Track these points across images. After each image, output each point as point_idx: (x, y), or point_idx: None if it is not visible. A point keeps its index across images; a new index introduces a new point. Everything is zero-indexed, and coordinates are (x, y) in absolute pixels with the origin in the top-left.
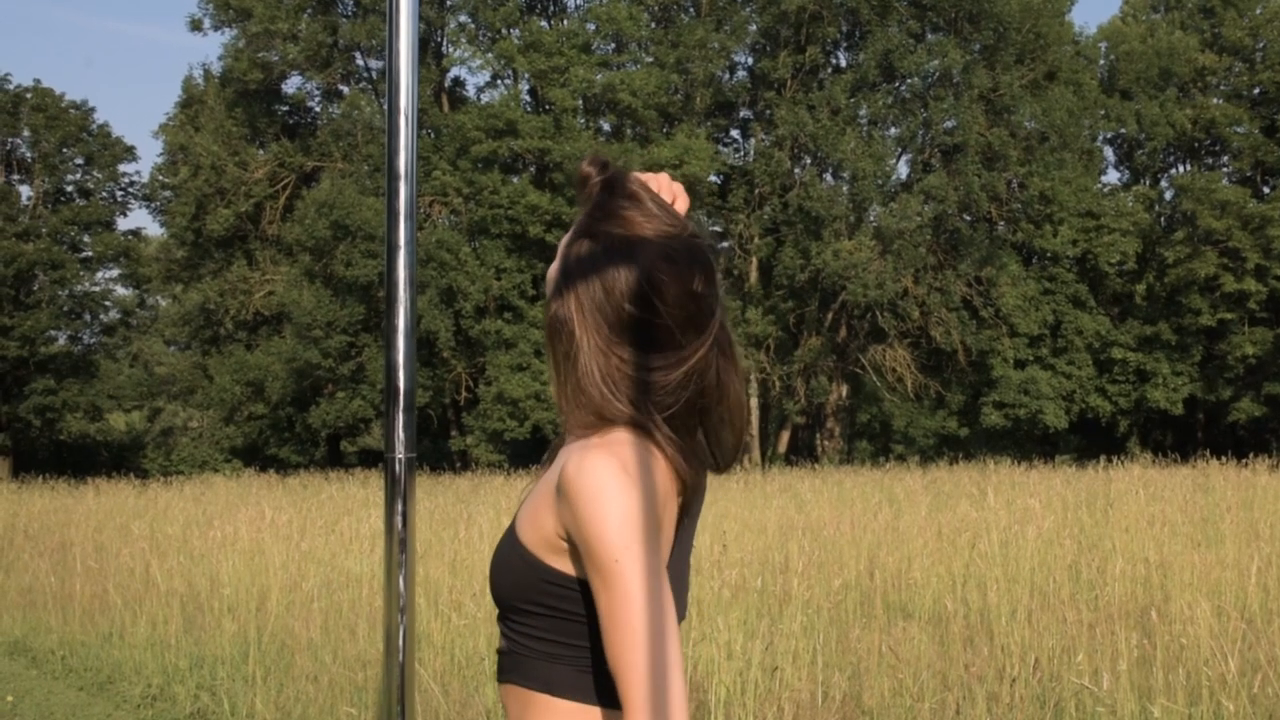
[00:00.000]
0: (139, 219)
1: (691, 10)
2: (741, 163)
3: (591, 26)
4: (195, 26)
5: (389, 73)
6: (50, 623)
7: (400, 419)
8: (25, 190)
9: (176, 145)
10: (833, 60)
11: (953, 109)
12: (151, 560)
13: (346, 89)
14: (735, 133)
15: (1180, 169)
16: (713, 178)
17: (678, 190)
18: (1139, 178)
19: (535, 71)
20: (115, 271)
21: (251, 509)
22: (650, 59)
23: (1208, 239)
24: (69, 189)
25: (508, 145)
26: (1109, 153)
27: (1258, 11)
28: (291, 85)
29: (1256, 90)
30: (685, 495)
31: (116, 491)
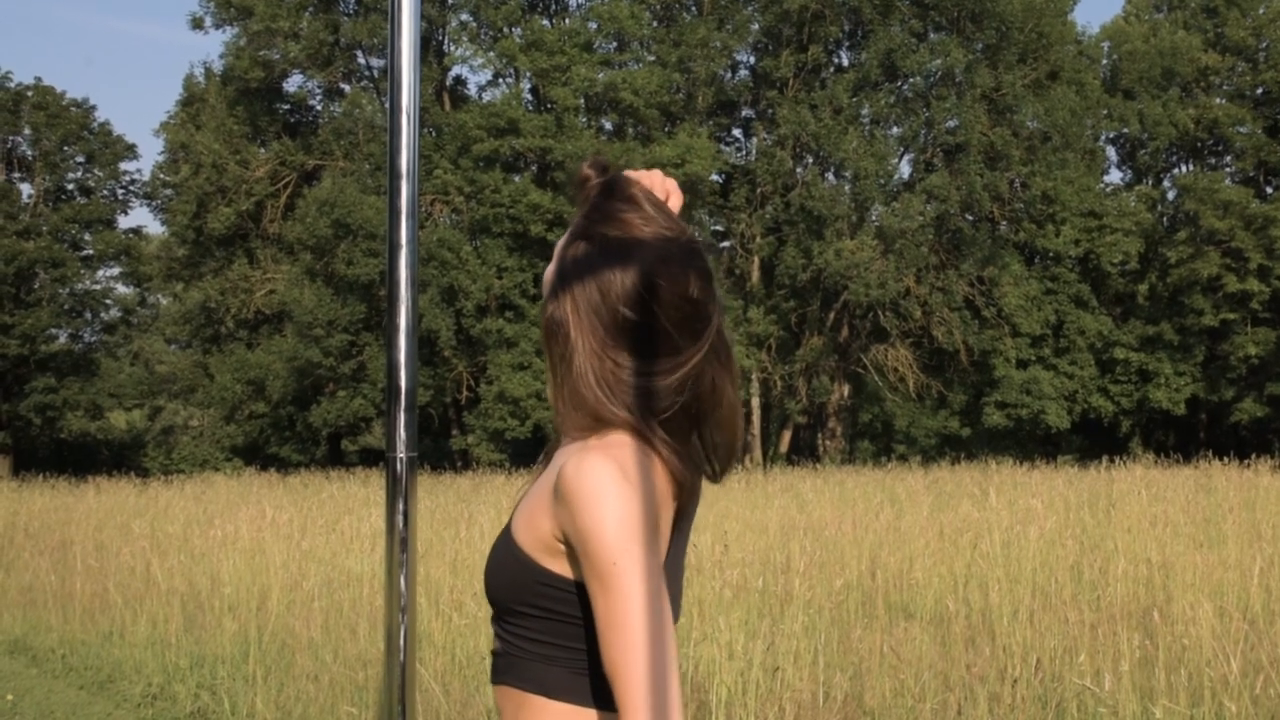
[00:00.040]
0: (140, 217)
1: (693, 9)
2: (743, 162)
3: (593, 25)
4: (196, 24)
5: (391, 71)
6: (50, 621)
7: (402, 418)
8: (26, 188)
9: (177, 143)
10: (835, 59)
11: (955, 108)
12: (152, 559)
13: (348, 87)
14: (737, 132)
15: (1183, 169)
16: (715, 177)
17: (671, 186)
18: (1141, 178)
19: (537, 70)
20: (116, 270)
21: (252, 508)
22: (652, 58)
23: (1210, 239)
24: (70, 187)
25: (509, 144)
26: (1111, 152)
27: (1261, 11)
28: (293, 83)
29: (1259, 90)
30: (681, 499)
31: (117, 490)
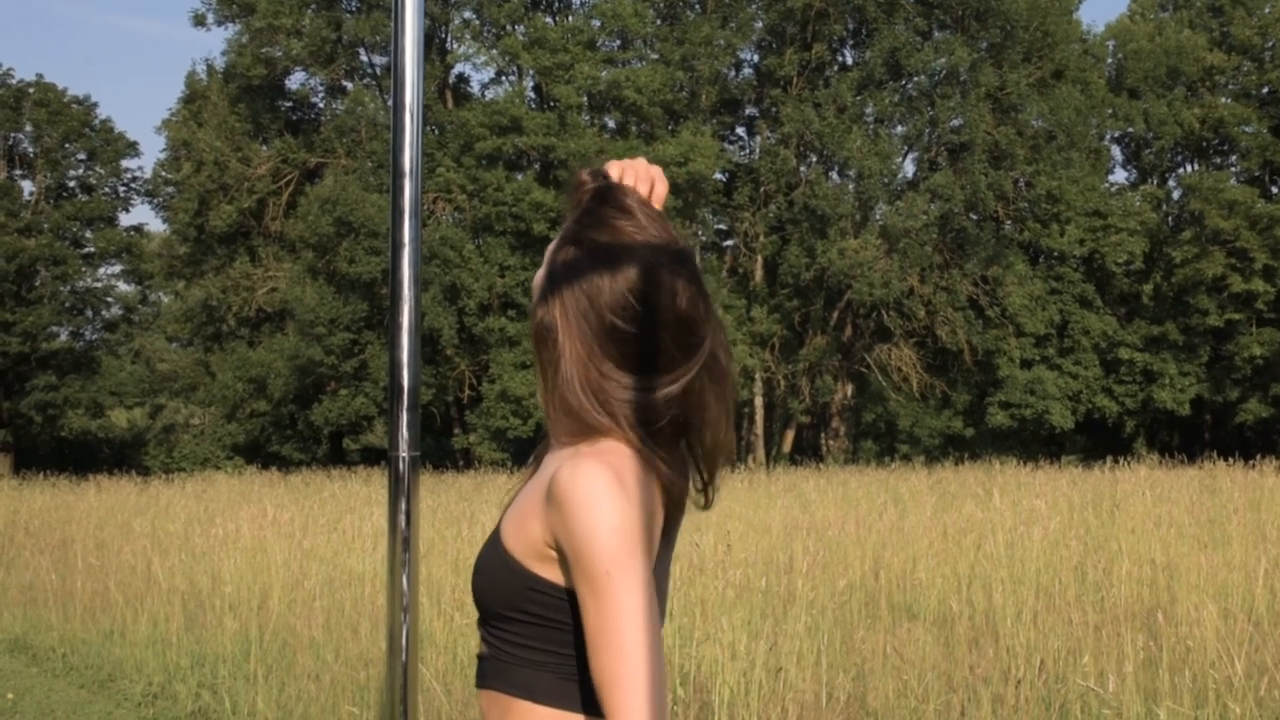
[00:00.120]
0: (141, 215)
1: (697, 7)
2: (747, 160)
3: (596, 23)
4: (198, 21)
5: (394, 70)
6: (51, 620)
7: (404, 417)
8: (27, 186)
9: (179, 141)
10: (839, 58)
11: (959, 107)
12: (153, 558)
13: (350, 85)
14: (741, 130)
15: (1188, 168)
16: (718, 175)
17: (656, 174)
18: (1146, 177)
19: (540, 68)
20: (117, 267)
21: (253, 507)
22: (655, 56)
23: (1215, 239)
24: (71, 184)
25: (512, 142)
26: (1116, 152)
27: (1266, 10)
28: (295, 81)
29: (1265, 89)
30: (669, 508)
31: (118, 488)
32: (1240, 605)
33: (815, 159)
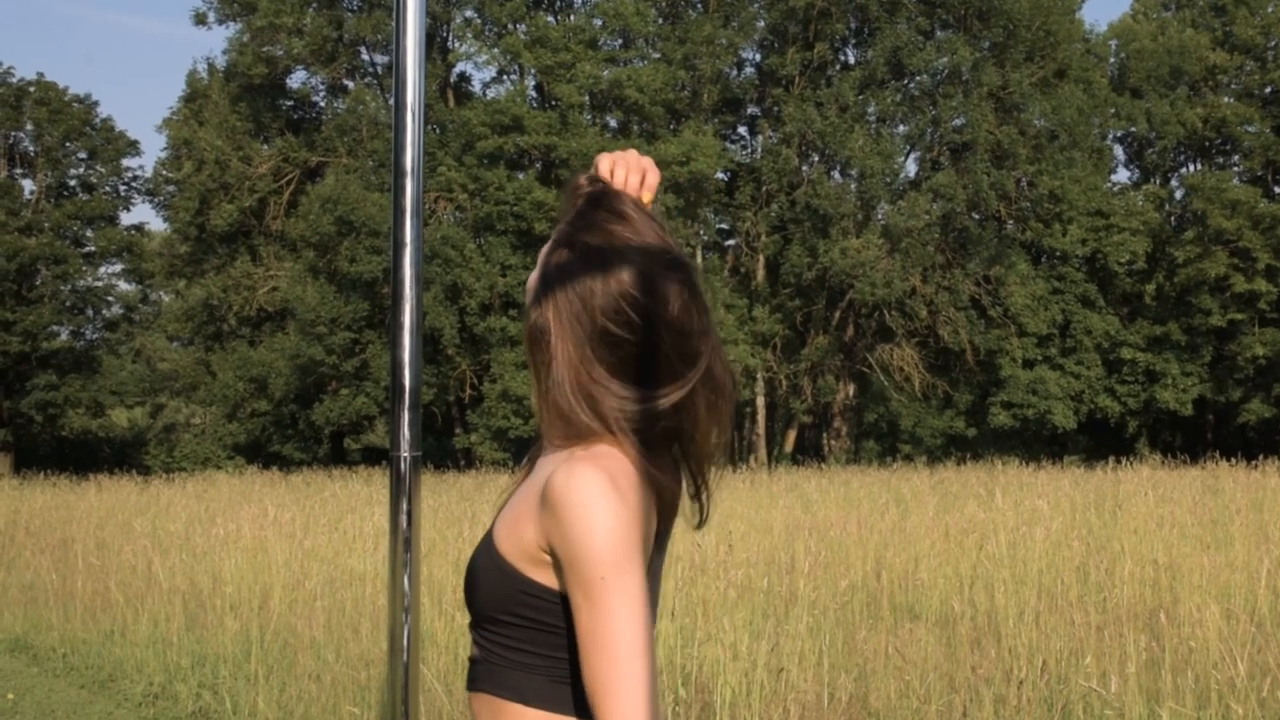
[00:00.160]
0: (142, 214)
1: (699, 6)
2: (749, 160)
3: (598, 22)
4: (199, 20)
5: (396, 69)
6: (51, 620)
7: (405, 417)
8: (28, 184)
9: (180, 140)
10: (841, 57)
11: (962, 107)
12: (153, 557)
13: (351, 84)
14: (743, 130)
15: (1191, 168)
16: (720, 175)
17: (647, 165)
18: (1149, 177)
19: (541, 67)
20: (118, 266)
21: (254, 506)
22: (657, 55)
23: (1218, 239)
24: (72, 183)
25: (513, 141)
26: (1119, 151)
27: (1269, 10)
28: (296, 80)
29: (1268, 89)
30: (662, 513)
31: (118, 488)
32: (1243, 606)
33: (817, 158)
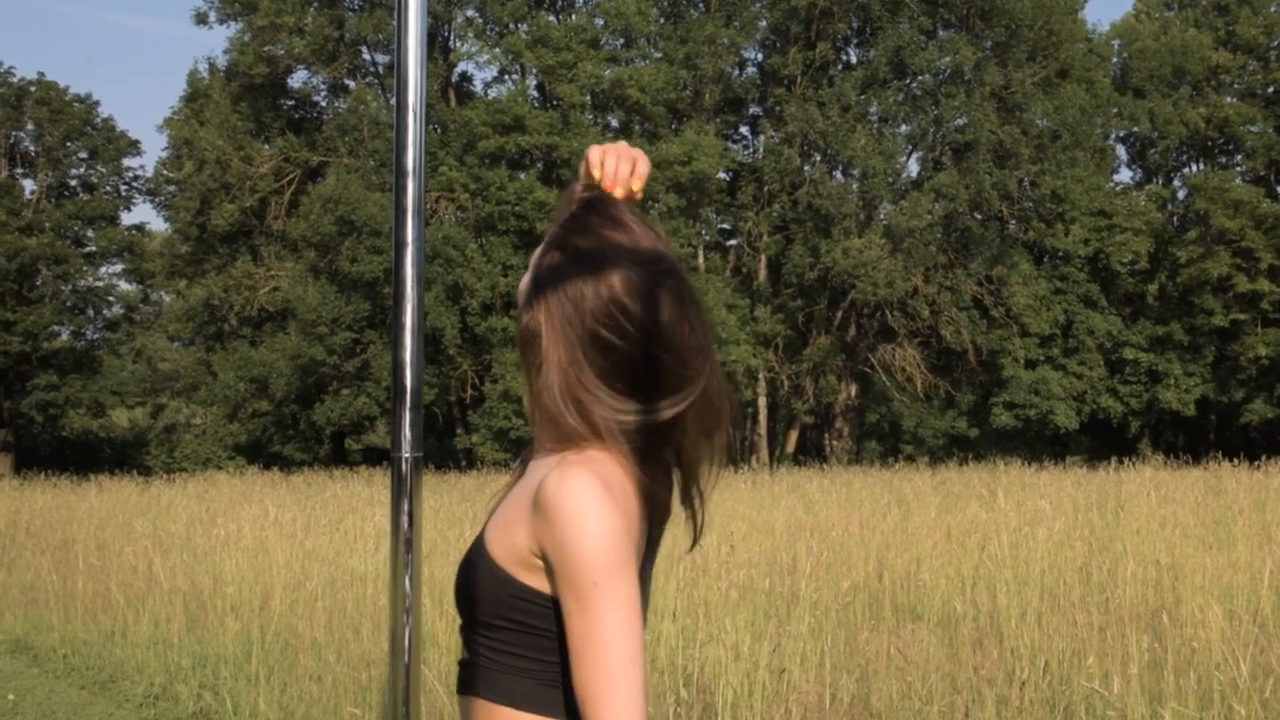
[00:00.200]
0: (143, 214)
1: (701, 6)
2: (751, 160)
3: (600, 22)
4: (200, 20)
5: (397, 69)
6: (52, 621)
7: (407, 418)
8: (29, 184)
9: (181, 139)
10: (843, 57)
11: (964, 106)
12: (154, 558)
13: (353, 83)
14: (745, 129)
15: (1193, 168)
16: (722, 175)
17: (637, 154)
18: (1152, 177)
19: (543, 67)
20: (119, 266)
21: (255, 507)
22: (659, 55)
23: (1221, 239)
24: (73, 183)
25: (515, 141)
26: (1121, 151)
27: (1272, 9)
28: (297, 79)
29: (1271, 89)
30: (653, 520)
31: (119, 489)
32: (1245, 607)
33: (819, 158)
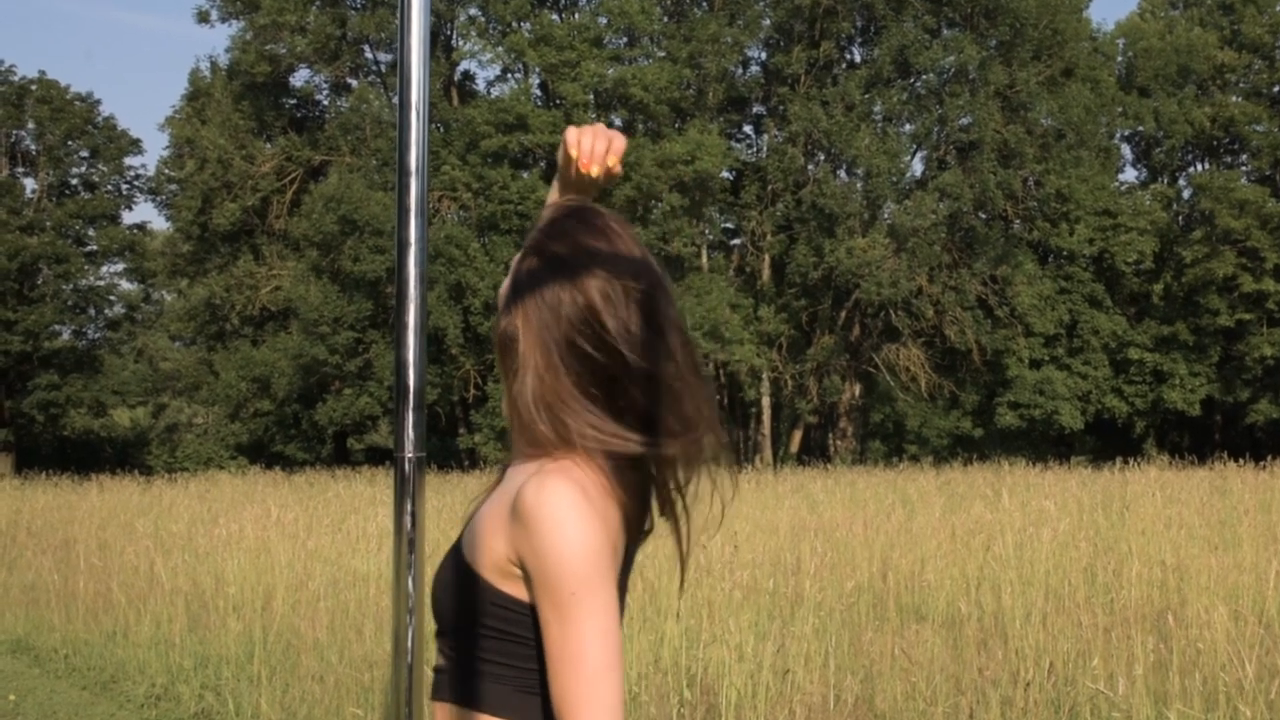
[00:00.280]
0: (144, 213)
1: (704, 4)
2: (754, 159)
3: (603, 20)
4: (202, 18)
5: (400, 68)
6: (53, 621)
7: (410, 418)
8: (30, 183)
9: (182, 138)
10: (847, 56)
11: (968, 105)
12: (156, 558)
13: (355, 82)
14: (748, 128)
15: (1198, 167)
16: (725, 174)
17: (613, 134)
18: (1157, 176)
19: (546, 65)
20: (120, 266)
21: (257, 507)
22: (662, 53)
23: (1226, 238)
24: (74, 182)
25: (518, 140)
26: (1126, 151)
27: (1278, 9)
28: (299, 78)
29: (1276, 88)
30: (629, 531)
31: (120, 488)
32: (1251, 608)
33: (823, 157)
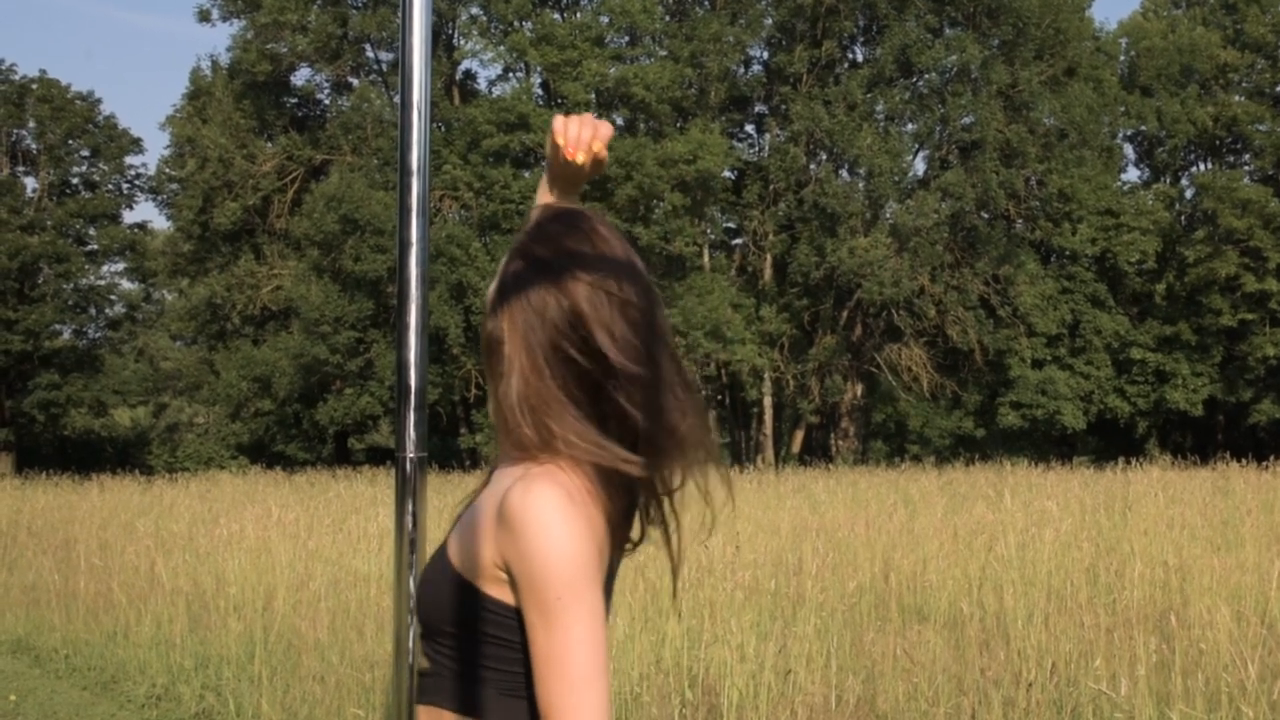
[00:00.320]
0: (145, 212)
1: (706, 3)
2: (756, 158)
3: (605, 19)
4: (203, 17)
5: (402, 67)
6: (54, 621)
7: (411, 418)
8: (30, 182)
9: (183, 137)
10: (849, 55)
11: (971, 105)
12: (156, 558)
13: (356, 81)
14: (750, 128)
15: (1201, 167)
16: (727, 173)
17: (600, 122)
18: (1159, 176)
19: (548, 65)
20: (121, 265)
21: (258, 506)
22: (664, 53)
23: (1228, 238)
24: (74, 181)
25: (519, 139)
26: (1129, 150)
27: None
28: (300, 77)
29: (1279, 88)
30: (613, 537)
31: (121, 488)
32: (1253, 608)
33: (825, 157)
